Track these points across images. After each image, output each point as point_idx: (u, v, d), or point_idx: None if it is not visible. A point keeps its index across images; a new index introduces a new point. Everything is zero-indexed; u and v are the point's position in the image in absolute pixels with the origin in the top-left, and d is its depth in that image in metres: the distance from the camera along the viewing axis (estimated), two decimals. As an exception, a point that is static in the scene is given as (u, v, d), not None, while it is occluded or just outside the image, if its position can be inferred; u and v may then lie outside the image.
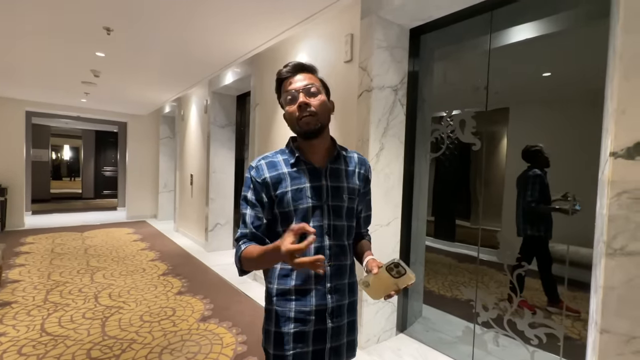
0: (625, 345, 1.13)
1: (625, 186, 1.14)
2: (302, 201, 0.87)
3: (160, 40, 2.66)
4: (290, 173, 0.90)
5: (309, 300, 0.87)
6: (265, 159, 0.93)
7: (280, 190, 0.88)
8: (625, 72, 1.14)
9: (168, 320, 2.45)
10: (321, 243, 0.88)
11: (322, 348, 0.89)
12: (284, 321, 0.88)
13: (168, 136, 6.79)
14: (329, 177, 0.91)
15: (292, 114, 0.88)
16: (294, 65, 0.91)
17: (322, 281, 0.89)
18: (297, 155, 0.91)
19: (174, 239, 5.17)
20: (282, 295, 0.89)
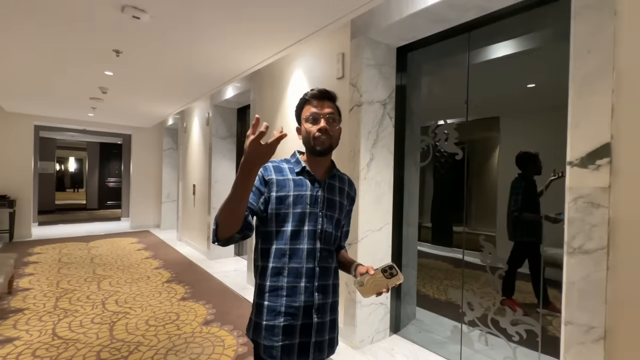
0: (586, 334, 1.26)
1: (580, 192, 1.28)
2: (301, 206, 0.98)
3: (165, 61, 2.85)
4: (294, 180, 1.01)
5: (298, 297, 0.96)
6: (272, 163, 1.05)
7: (283, 193, 0.99)
8: (577, 91, 1.30)
9: (172, 324, 2.57)
10: (313, 245, 0.99)
11: (308, 341, 0.98)
12: (274, 315, 0.96)
13: (171, 147, 6.97)
14: (326, 190, 1.04)
15: (309, 132, 1.01)
16: (322, 92, 1.03)
17: (311, 280, 0.98)
18: (303, 166, 1.03)
19: (177, 248, 5.29)
20: (274, 291, 0.97)
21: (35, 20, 2.08)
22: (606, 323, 1.22)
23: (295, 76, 2.93)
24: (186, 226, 5.66)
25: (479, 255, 2.04)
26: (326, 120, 1.00)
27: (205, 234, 4.85)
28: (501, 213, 2.54)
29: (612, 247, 1.21)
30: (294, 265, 0.97)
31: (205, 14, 1.99)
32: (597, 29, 1.25)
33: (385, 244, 2.39)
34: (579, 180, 1.28)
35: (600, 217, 1.23)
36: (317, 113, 1.01)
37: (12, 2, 1.86)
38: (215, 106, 4.55)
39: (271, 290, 0.97)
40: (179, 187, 5.98)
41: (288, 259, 0.97)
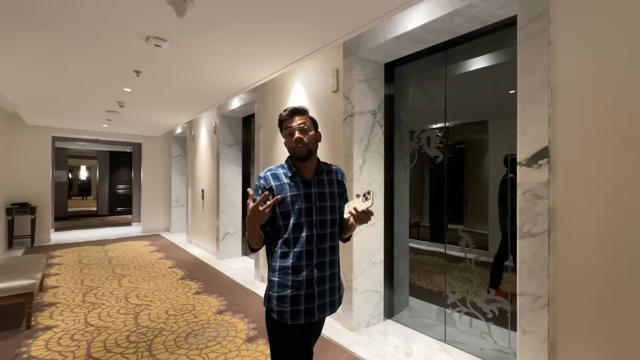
0: (534, 302, 1.54)
1: (527, 186, 1.57)
2: (298, 203, 1.22)
3: (179, 79, 3.19)
4: (289, 183, 1.24)
5: (301, 274, 1.20)
6: (269, 171, 1.28)
7: (282, 195, 1.22)
8: (523, 104, 1.59)
9: (190, 313, 2.88)
10: (311, 232, 1.22)
11: (312, 306, 1.22)
12: (283, 288, 1.20)
13: (179, 155, 7.33)
14: (316, 186, 1.27)
15: (290, 143, 1.27)
16: (291, 110, 1.28)
17: (310, 259, 1.22)
18: (294, 171, 1.27)
19: (188, 249, 5.61)
20: (282, 270, 1.21)
21: (67, 46, 2.42)
22: (549, 292, 1.50)
23: (296, 89, 3.25)
24: (196, 229, 5.98)
25: (459, 248, 2.32)
26: (299, 131, 1.24)
27: (214, 236, 5.16)
28: (479, 210, 2.81)
29: (552, 230, 1.50)
30: (297, 250, 1.21)
31: (217, 41, 2.31)
32: (536, 55, 1.54)
33: (378, 238, 2.68)
34: (526, 177, 1.57)
35: (542, 207, 1.52)
36: (291, 127, 1.26)
37: (48, 33, 2.20)
38: (222, 115, 4.88)
39: (280, 269, 1.22)
40: (188, 192, 6.32)
41: (292, 245, 1.22)
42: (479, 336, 2.24)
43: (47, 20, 2.01)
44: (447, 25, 2.05)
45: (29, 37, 2.25)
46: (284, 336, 1.24)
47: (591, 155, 1.39)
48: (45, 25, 2.08)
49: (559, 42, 1.49)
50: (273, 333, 1.26)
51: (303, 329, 1.26)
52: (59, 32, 2.17)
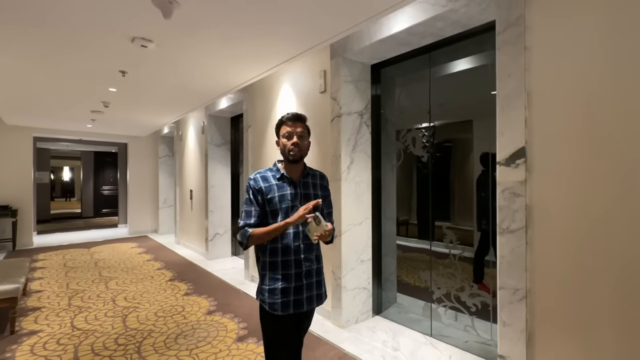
0: (513, 295, 1.62)
1: (506, 185, 1.64)
2: (285, 202, 1.32)
3: (166, 79, 3.16)
4: (277, 184, 1.35)
5: (290, 267, 1.32)
6: (259, 174, 1.38)
7: (270, 195, 1.33)
8: (501, 107, 1.66)
9: (179, 315, 2.87)
10: (297, 229, 1.33)
11: (300, 298, 1.32)
12: (274, 281, 1.31)
13: (167, 155, 7.23)
14: (302, 187, 1.38)
15: (285, 145, 1.35)
16: (294, 115, 1.37)
17: (298, 254, 1.33)
18: (282, 173, 1.37)
19: (176, 250, 5.56)
20: (273, 264, 1.32)
21: (49, 46, 2.37)
22: (527, 286, 1.58)
23: (284, 89, 3.27)
24: (184, 230, 5.93)
25: (444, 245, 2.39)
26: (298, 137, 1.35)
27: (203, 236, 5.13)
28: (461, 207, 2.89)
29: (529, 226, 1.58)
30: (285, 245, 1.31)
31: (204, 42, 2.31)
32: (513, 60, 1.61)
33: (366, 235, 2.73)
34: (504, 176, 1.65)
35: (520, 204, 1.59)
36: (291, 132, 1.35)
37: (28, 31, 2.16)
38: (209, 115, 4.85)
39: (271, 264, 1.33)
40: (176, 193, 6.25)
41: (280, 241, 1.31)
42: (463, 329, 2.33)
43: (29, 20, 1.98)
44: (431, 28, 2.11)
45: (10, 37, 2.20)
46: (275, 327, 1.32)
47: (564, 156, 1.47)
48: (27, 25, 2.04)
49: (534, 47, 1.56)
50: (265, 324, 1.34)
51: (293, 320, 1.34)
52: (42, 32, 2.13)
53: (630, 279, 1.30)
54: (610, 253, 1.35)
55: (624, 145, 1.32)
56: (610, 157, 1.35)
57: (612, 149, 1.34)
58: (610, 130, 1.35)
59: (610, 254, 1.35)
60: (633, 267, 1.29)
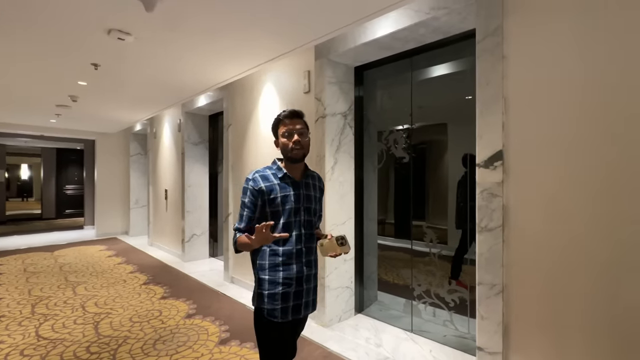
0: (490, 290, 1.71)
1: (485, 186, 1.73)
2: (288, 203, 1.26)
3: (142, 74, 3.03)
4: (279, 184, 1.27)
5: (291, 271, 1.26)
6: (258, 173, 1.30)
7: (272, 196, 1.25)
8: (480, 111, 1.75)
9: (156, 319, 2.76)
10: (300, 232, 1.28)
11: (299, 303, 1.28)
12: (275, 285, 1.24)
13: (139, 153, 6.92)
14: (304, 188, 1.33)
15: (287, 145, 1.28)
16: (292, 112, 1.30)
17: (300, 258, 1.27)
18: (285, 173, 1.30)
19: (150, 253, 5.33)
20: (273, 268, 1.25)
21: (13, 33, 2.21)
22: (503, 281, 1.68)
23: (267, 88, 3.24)
24: (158, 231, 5.70)
25: (424, 244, 2.48)
26: (298, 134, 1.28)
27: (179, 238, 4.96)
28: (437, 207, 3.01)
29: (505, 225, 1.67)
30: (287, 248, 1.25)
31: (186, 37, 2.23)
32: (492, 67, 1.71)
33: (349, 235, 2.77)
34: (483, 177, 1.74)
35: (497, 204, 1.68)
36: (291, 129, 1.28)
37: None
38: (187, 113, 4.70)
39: (271, 267, 1.25)
40: (149, 193, 6.00)
41: (282, 243, 1.25)
42: (442, 324, 2.42)
43: (-9, 6, 1.83)
44: (413, 34, 2.18)
45: (-32, 23, 2.02)
46: (273, 334, 1.26)
47: (538, 159, 1.58)
48: (-12, 11, 1.89)
49: (511, 56, 1.66)
50: (262, 331, 1.28)
51: (291, 326, 1.31)
52: (7, 17, 1.97)
53: (599, 279, 1.42)
54: (580, 253, 1.46)
55: (594, 149, 1.43)
56: (581, 160, 1.46)
57: (583, 153, 1.46)
58: (581, 135, 1.46)
59: (579, 254, 1.46)
60: (602, 267, 1.41)
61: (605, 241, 1.39)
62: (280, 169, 1.32)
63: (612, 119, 1.38)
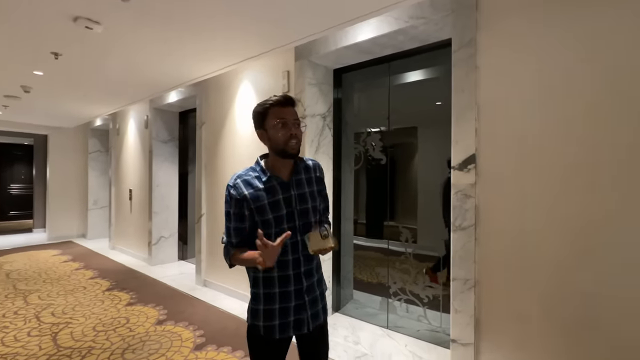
0: (464, 285, 1.82)
1: (459, 187, 1.84)
2: (278, 210, 1.08)
3: (108, 66, 2.83)
4: (265, 189, 1.09)
5: (289, 285, 1.10)
6: (240, 177, 1.11)
7: (259, 203, 1.08)
8: (456, 117, 1.86)
9: (123, 327, 2.60)
10: (295, 239, 1.11)
11: (302, 317, 1.12)
12: (271, 301, 1.09)
13: (99, 150, 6.46)
14: (295, 187, 1.13)
15: (281, 137, 1.07)
16: (286, 98, 1.09)
17: (297, 268, 1.11)
18: (270, 176, 1.11)
19: (112, 257, 5.00)
20: (268, 282, 1.10)
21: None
22: (475, 276, 1.79)
23: (244, 86, 3.18)
24: (121, 233, 5.36)
25: (399, 243, 2.57)
26: (294, 126, 1.09)
27: (145, 240, 4.70)
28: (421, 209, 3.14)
29: (477, 224, 1.79)
30: (282, 259, 1.08)
31: (160, 31, 2.13)
32: (466, 76, 1.82)
33: (327, 235, 2.80)
34: (458, 179, 1.85)
35: (470, 204, 1.80)
36: (285, 119, 1.07)
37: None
38: (155, 109, 4.48)
39: (265, 281, 1.11)
40: (110, 193, 5.62)
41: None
42: (416, 320, 2.53)
43: None
44: (392, 41, 2.26)
45: None
46: (269, 352, 1.14)
47: (506, 162, 1.71)
48: None
49: (483, 67, 1.78)
50: (257, 350, 1.15)
51: (301, 343, 1.19)
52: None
53: (556, 270, 1.57)
54: (541, 247, 1.60)
55: (556, 154, 1.58)
56: (544, 162, 1.60)
57: (546, 156, 1.60)
58: (544, 141, 1.61)
59: (540, 249, 1.61)
60: (558, 260, 1.56)
61: (562, 236, 1.54)
62: (264, 171, 1.13)
63: (571, 124, 1.53)
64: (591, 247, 1.47)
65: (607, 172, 1.44)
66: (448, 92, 1.93)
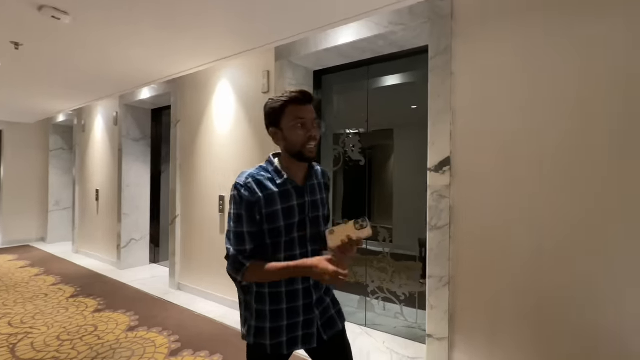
0: (439, 282, 1.90)
1: (435, 188, 1.92)
2: (291, 217, 0.98)
3: (76, 59, 2.67)
4: (279, 193, 0.98)
5: (298, 299, 1.01)
6: (252, 177, 0.98)
7: (271, 209, 0.96)
8: (432, 121, 1.94)
9: (91, 335, 2.46)
10: (305, 249, 1.02)
11: (311, 332, 1.02)
12: (278, 319, 0.99)
13: (61, 148, 6.06)
14: (309, 193, 1.04)
15: (298, 138, 0.97)
16: (305, 94, 0.98)
17: (306, 281, 1.02)
18: (286, 177, 1.00)
19: (75, 261, 4.70)
20: (275, 297, 1.00)
21: None
22: (449, 273, 1.88)
23: (222, 85, 3.12)
24: (87, 236, 5.06)
25: (377, 243, 2.64)
26: (313, 126, 0.99)
27: (113, 243, 4.47)
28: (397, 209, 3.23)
29: (452, 223, 1.88)
30: None
31: (134, 24, 2.05)
32: (442, 82, 1.90)
33: (306, 236, 2.81)
34: (434, 180, 1.93)
35: (445, 204, 1.88)
36: (305, 120, 0.98)
37: None
38: (125, 105, 4.27)
39: (272, 296, 1.00)
40: (74, 193, 5.29)
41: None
42: (393, 317, 2.60)
43: None
44: (372, 45, 2.31)
45: None
46: None
47: (480, 164, 1.80)
48: None
49: (457, 73, 1.88)
50: None
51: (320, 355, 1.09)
52: None
53: (526, 267, 1.68)
54: (512, 245, 1.71)
55: (528, 157, 1.69)
56: (517, 166, 1.71)
57: (519, 159, 1.71)
58: (516, 143, 1.71)
59: (512, 246, 1.71)
60: (529, 257, 1.67)
61: (533, 235, 1.65)
62: (278, 172, 1.02)
63: (543, 127, 1.65)
64: (561, 245, 1.59)
65: (578, 174, 1.56)
66: (424, 96, 2.01)
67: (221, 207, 3.10)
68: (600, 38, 1.49)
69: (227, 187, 3.07)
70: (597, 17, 1.49)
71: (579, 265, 1.53)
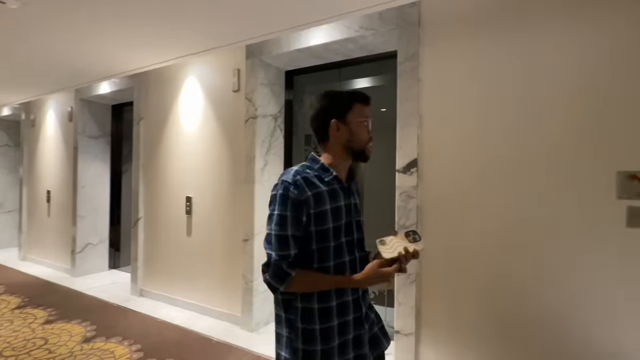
0: (407, 280, 1.96)
1: (403, 189, 1.99)
2: (338, 219, 0.91)
3: (25, 49, 2.44)
4: (328, 191, 0.91)
5: (348, 312, 0.92)
6: (299, 174, 0.90)
7: (320, 209, 0.89)
8: (400, 125, 2.01)
9: (40, 349, 2.26)
10: (354, 255, 0.95)
11: (364, 353, 0.95)
12: (329, 339, 0.89)
13: (6, 144, 5.51)
14: (353, 195, 1.00)
15: (364, 136, 0.96)
16: (367, 96, 1.00)
17: (356, 292, 0.95)
18: (335, 175, 0.94)
19: (22, 269, 4.30)
20: (325, 314, 0.89)
21: None
22: (417, 270, 1.95)
23: (189, 82, 3.01)
24: (36, 241, 4.64)
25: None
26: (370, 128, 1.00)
27: (67, 248, 4.14)
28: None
29: (419, 222, 1.95)
30: None
31: (92, 14, 1.92)
32: (410, 87, 1.97)
33: (277, 237, 2.78)
34: (402, 181, 1.99)
35: (413, 204, 1.95)
36: (369, 119, 0.99)
37: None
38: (82, 100, 3.98)
39: (321, 312, 0.90)
40: (21, 194, 4.84)
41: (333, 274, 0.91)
42: (363, 315, 2.64)
43: None
44: (343, 48, 2.35)
45: None
46: None
47: (446, 166, 1.89)
48: None
49: (425, 79, 1.96)
50: None
51: None
52: None
53: (491, 271, 1.78)
54: (475, 241, 1.81)
55: (492, 158, 1.80)
56: (481, 166, 1.81)
57: (483, 160, 1.81)
58: (480, 146, 1.82)
59: (475, 243, 1.81)
60: (492, 252, 1.78)
61: (496, 233, 1.76)
62: (326, 169, 0.94)
63: (506, 130, 1.76)
64: (523, 244, 1.71)
65: (540, 174, 1.68)
66: (393, 99, 2.08)
67: (188, 209, 2.99)
68: (541, 45, 1.63)
69: (194, 187, 2.97)
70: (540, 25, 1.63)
71: (541, 259, 1.66)
